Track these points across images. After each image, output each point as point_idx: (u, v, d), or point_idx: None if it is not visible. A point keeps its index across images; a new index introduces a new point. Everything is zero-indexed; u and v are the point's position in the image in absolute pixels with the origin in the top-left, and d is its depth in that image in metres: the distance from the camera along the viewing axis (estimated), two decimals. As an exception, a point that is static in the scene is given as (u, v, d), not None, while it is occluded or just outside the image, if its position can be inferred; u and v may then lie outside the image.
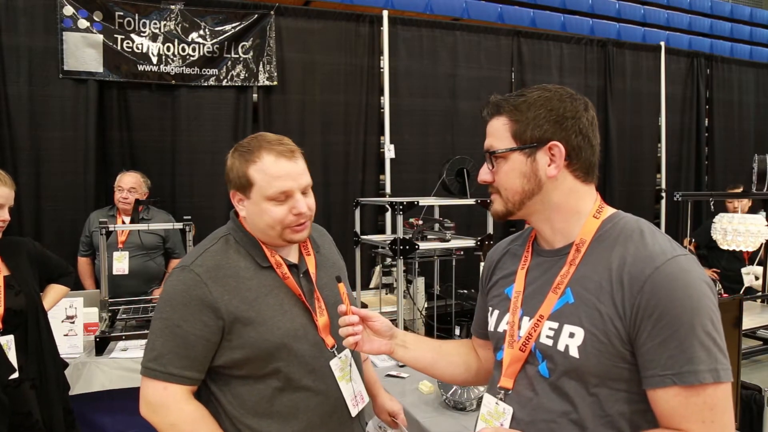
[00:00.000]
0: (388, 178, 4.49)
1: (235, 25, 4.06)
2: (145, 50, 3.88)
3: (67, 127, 3.78)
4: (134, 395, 2.52)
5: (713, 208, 2.94)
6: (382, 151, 4.55)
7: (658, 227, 1.04)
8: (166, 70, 3.92)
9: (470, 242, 2.75)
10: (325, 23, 4.35)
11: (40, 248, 2.37)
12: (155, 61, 3.90)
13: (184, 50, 3.96)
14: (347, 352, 1.39)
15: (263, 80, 4.16)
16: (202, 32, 3.99)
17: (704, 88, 5.90)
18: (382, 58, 4.50)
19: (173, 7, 3.92)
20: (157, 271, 3.46)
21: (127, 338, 2.75)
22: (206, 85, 4.04)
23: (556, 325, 1.00)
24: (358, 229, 3.06)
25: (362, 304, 3.13)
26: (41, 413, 2.08)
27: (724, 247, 2.93)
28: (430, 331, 2.71)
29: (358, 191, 4.40)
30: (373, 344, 1.24)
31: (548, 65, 5.06)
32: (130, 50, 3.85)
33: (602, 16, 7.30)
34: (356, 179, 4.45)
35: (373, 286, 3.55)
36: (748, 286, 3.24)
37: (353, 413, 1.37)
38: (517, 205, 1.05)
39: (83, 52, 3.76)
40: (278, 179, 1.28)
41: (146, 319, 2.91)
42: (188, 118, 4.03)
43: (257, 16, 4.12)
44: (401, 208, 2.54)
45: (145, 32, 3.87)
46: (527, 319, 1.05)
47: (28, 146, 3.72)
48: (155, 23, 3.89)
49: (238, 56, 4.09)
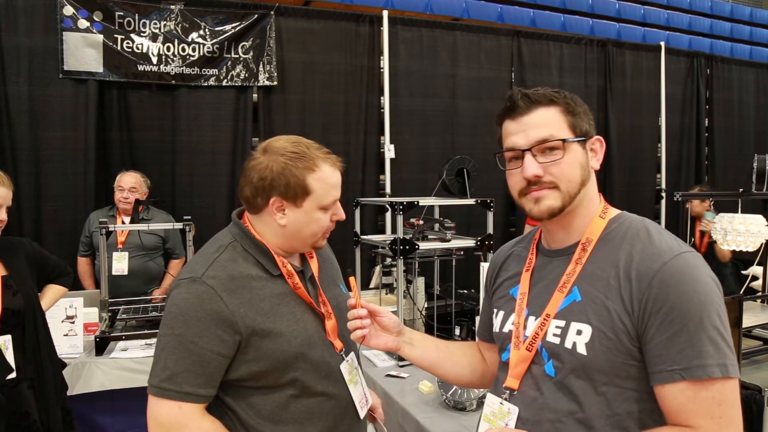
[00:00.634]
0: (388, 178, 4.49)
1: (235, 25, 4.06)
2: (145, 50, 3.88)
3: (67, 127, 3.78)
4: (134, 395, 2.56)
5: (713, 208, 2.94)
6: (382, 151, 4.55)
7: (656, 224, 1.06)
8: (166, 70, 3.92)
9: (470, 242, 2.75)
10: (325, 23, 4.35)
11: (38, 248, 2.37)
12: (155, 61, 3.90)
13: (184, 50, 3.96)
14: (353, 355, 1.39)
15: (263, 80, 4.16)
16: (202, 32, 3.99)
17: (704, 88, 5.90)
18: (382, 58, 4.50)
19: (173, 7, 3.92)
20: (156, 271, 3.46)
21: (127, 338, 2.76)
22: (206, 85, 4.04)
23: (563, 323, 1.00)
24: (358, 229, 3.06)
25: (362, 304, 3.13)
26: (39, 413, 2.08)
27: (724, 247, 2.92)
28: (430, 331, 2.70)
29: (358, 191, 4.40)
30: (380, 339, 1.25)
31: (548, 65, 5.06)
32: (130, 50, 3.85)
33: (602, 16, 7.30)
34: (356, 179, 4.45)
35: (373, 286, 3.55)
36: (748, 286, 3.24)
37: (361, 415, 1.37)
38: (573, 197, 1.02)
39: (83, 52, 3.76)
40: (333, 189, 1.31)
41: (146, 319, 2.91)
42: (188, 118, 4.03)
43: (257, 16, 4.12)
44: (401, 208, 2.54)
45: (145, 32, 3.87)
46: (533, 318, 1.05)
47: (28, 146, 3.72)
48: (155, 23, 3.89)
49: (238, 56, 4.09)
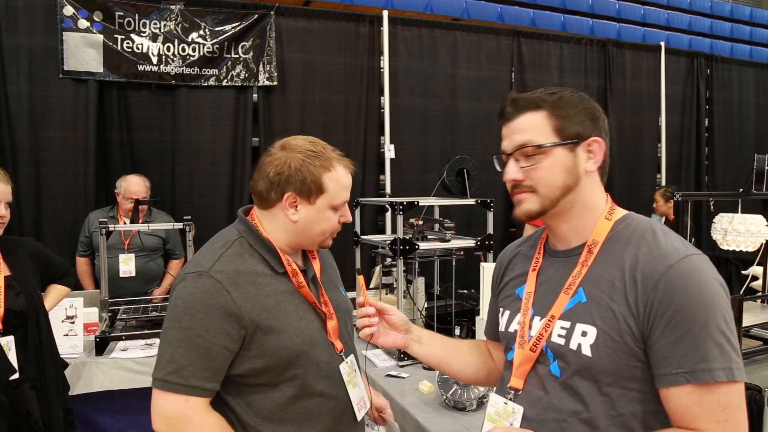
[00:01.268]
0: (388, 178, 4.49)
1: (235, 25, 4.06)
2: (145, 50, 3.88)
3: (67, 127, 3.78)
4: (134, 395, 2.56)
5: (713, 208, 2.94)
6: (382, 151, 4.55)
7: (663, 225, 1.05)
8: (166, 70, 3.93)
9: (470, 242, 2.75)
10: (325, 23, 4.35)
11: (42, 248, 2.37)
12: (155, 61, 3.90)
13: (184, 50, 3.96)
14: (352, 357, 1.39)
15: (263, 80, 4.16)
16: (202, 32, 3.99)
17: (704, 88, 5.90)
18: (382, 58, 4.51)
19: (173, 7, 3.92)
20: (156, 271, 3.47)
21: (127, 338, 2.75)
22: (206, 85, 4.04)
23: (568, 324, 1.00)
24: (358, 229, 3.06)
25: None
26: (41, 413, 2.08)
27: (724, 247, 2.92)
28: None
29: (358, 191, 4.40)
30: (388, 337, 1.27)
31: (548, 65, 5.06)
32: (130, 50, 3.85)
33: (602, 16, 7.31)
34: (356, 179, 4.36)
35: (373, 286, 3.54)
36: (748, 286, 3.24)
37: (359, 417, 1.37)
38: (554, 202, 1.03)
39: (83, 52, 3.76)
40: (345, 190, 1.33)
41: (146, 319, 2.91)
42: (188, 118, 4.03)
43: (257, 16, 4.12)
44: (401, 208, 2.54)
45: (145, 32, 3.87)
46: (538, 319, 1.05)
47: (28, 146, 3.72)
48: (155, 23, 3.89)
49: (238, 56, 4.09)
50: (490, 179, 3.68)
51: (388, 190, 4.49)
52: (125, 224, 3.35)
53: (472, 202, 2.88)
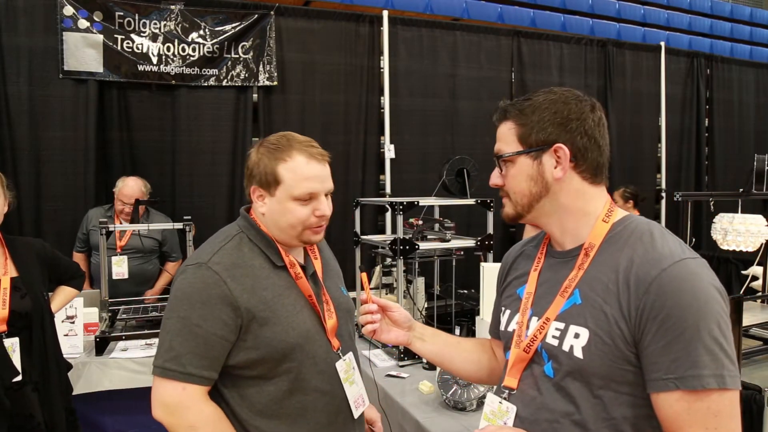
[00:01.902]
0: (388, 178, 4.49)
1: (235, 25, 4.06)
2: (145, 50, 3.88)
3: (67, 127, 3.77)
4: (134, 395, 2.56)
5: (713, 208, 2.94)
6: (382, 151, 4.55)
7: (663, 227, 1.03)
8: (166, 70, 3.92)
9: (470, 242, 2.75)
10: (325, 23, 4.35)
11: (50, 250, 2.36)
12: (155, 61, 3.90)
13: (184, 50, 3.95)
14: (351, 355, 1.40)
15: (263, 80, 4.16)
16: (202, 32, 3.99)
17: (704, 88, 5.90)
18: (382, 58, 4.50)
19: (173, 7, 3.92)
20: (152, 273, 3.46)
21: (127, 338, 2.76)
22: (206, 85, 4.03)
23: (562, 325, 1.00)
24: (358, 229, 3.06)
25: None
26: (43, 416, 2.08)
27: (724, 247, 2.92)
28: (430, 331, 2.71)
29: (358, 191, 4.40)
30: (390, 334, 1.28)
31: (548, 65, 5.06)
32: (130, 50, 3.85)
33: (602, 16, 7.31)
34: (356, 179, 4.45)
35: (373, 286, 3.54)
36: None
37: (356, 415, 1.38)
38: (526, 207, 1.06)
39: (83, 52, 3.76)
40: (307, 180, 1.30)
41: (146, 319, 2.92)
42: (188, 118, 4.03)
43: (257, 16, 4.12)
44: (401, 208, 2.54)
45: (145, 32, 3.87)
46: (536, 319, 1.05)
47: (28, 146, 3.72)
48: (155, 23, 3.89)
49: (238, 56, 4.09)
50: (490, 179, 3.69)
51: (388, 190, 4.49)
52: (122, 224, 3.34)
53: (472, 202, 2.88)
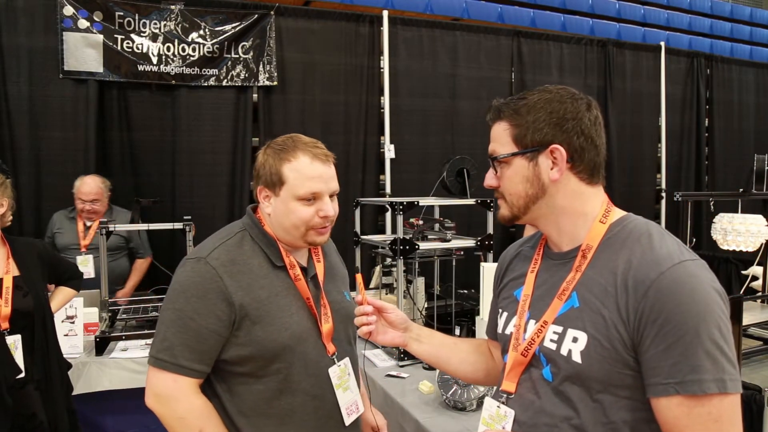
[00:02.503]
0: (388, 178, 4.49)
1: (235, 25, 4.06)
2: (145, 50, 3.88)
3: (67, 127, 3.78)
4: (134, 395, 2.56)
5: (713, 208, 2.94)
6: (382, 151, 4.55)
7: (661, 227, 1.02)
8: (166, 70, 3.92)
9: (470, 242, 2.75)
10: (325, 23, 4.35)
11: (50, 250, 2.42)
12: (155, 61, 3.90)
13: (184, 50, 3.95)
14: (347, 361, 1.40)
15: (263, 80, 4.16)
16: (202, 32, 3.99)
17: (704, 88, 5.90)
18: (382, 58, 4.50)
19: (173, 7, 3.92)
20: (121, 271, 3.45)
21: (127, 338, 2.76)
22: (206, 85, 4.03)
23: (560, 329, 0.98)
24: (358, 229, 3.06)
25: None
26: (46, 414, 2.09)
27: (724, 247, 2.93)
28: (430, 331, 2.71)
29: (358, 191, 4.40)
30: (386, 336, 1.27)
31: (548, 65, 5.06)
32: (130, 50, 3.85)
33: (602, 16, 7.31)
34: (356, 179, 4.45)
35: (373, 286, 3.54)
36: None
37: (347, 422, 1.37)
38: (522, 209, 1.04)
39: (83, 52, 3.76)
40: (311, 180, 1.30)
41: (146, 319, 2.91)
42: (188, 118, 4.03)
43: (257, 16, 4.12)
44: (401, 208, 2.54)
45: (145, 32, 3.87)
46: (533, 322, 1.04)
47: (28, 146, 3.72)
48: (155, 23, 3.89)
49: (238, 56, 4.09)
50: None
51: (388, 190, 4.49)
52: (84, 226, 3.37)
53: (472, 202, 2.87)
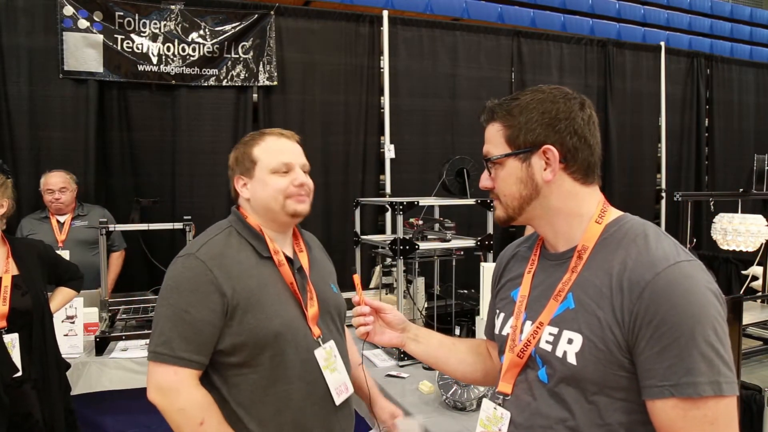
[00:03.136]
0: (388, 178, 4.49)
1: (235, 25, 4.06)
2: (145, 50, 3.88)
3: (67, 127, 3.78)
4: (134, 395, 2.56)
5: (713, 208, 2.94)
6: (382, 151, 4.55)
7: (658, 228, 1.02)
8: (166, 70, 3.92)
9: (470, 242, 2.75)
10: (325, 23, 4.35)
11: (51, 251, 2.41)
12: (155, 61, 3.90)
13: (184, 50, 3.95)
14: (332, 343, 1.45)
15: (263, 80, 4.16)
16: (202, 32, 3.99)
17: (704, 88, 5.90)
18: (382, 58, 4.50)
19: (173, 7, 3.92)
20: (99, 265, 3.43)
21: (127, 338, 2.75)
22: (206, 85, 4.03)
23: (556, 330, 0.98)
24: (358, 229, 3.06)
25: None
26: (42, 414, 2.09)
27: (724, 247, 2.93)
28: (430, 331, 2.71)
29: (358, 191, 4.40)
30: (384, 336, 1.27)
31: (548, 65, 5.06)
32: (130, 50, 3.85)
33: (602, 16, 7.32)
34: (356, 179, 4.45)
35: (373, 286, 3.54)
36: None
37: (337, 402, 1.43)
38: (516, 210, 1.04)
39: (83, 52, 3.76)
40: (281, 153, 1.44)
41: (146, 319, 2.91)
42: (188, 118, 4.03)
43: (257, 16, 4.12)
44: (401, 208, 2.54)
45: (145, 32, 3.87)
46: (530, 323, 1.04)
47: (28, 146, 3.72)
48: (155, 23, 3.89)
49: (238, 56, 4.09)
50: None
51: (388, 190, 4.49)
52: (58, 222, 3.39)
53: (472, 202, 2.88)
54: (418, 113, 4.63)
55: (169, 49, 3.92)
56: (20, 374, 2.05)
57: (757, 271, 3.24)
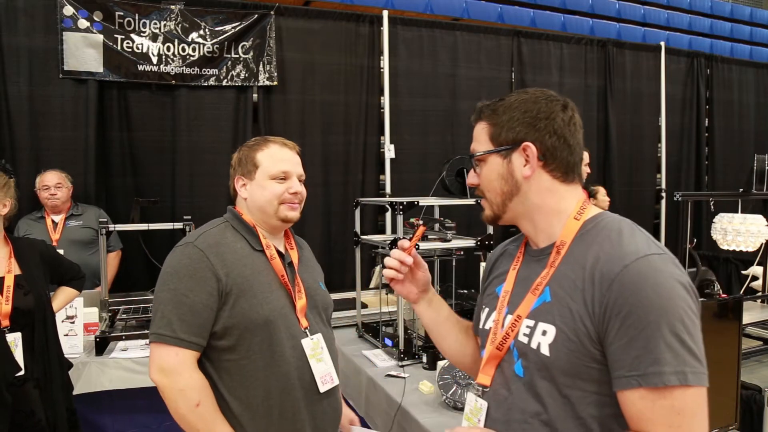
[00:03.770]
0: (388, 178, 4.49)
1: (235, 25, 4.06)
2: (145, 50, 3.88)
3: (67, 127, 3.77)
4: (134, 395, 2.56)
5: (713, 208, 2.94)
6: (382, 151, 4.55)
7: (658, 227, 1.03)
8: (166, 70, 3.92)
9: (470, 242, 2.75)
10: (325, 23, 4.35)
11: (53, 250, 2.43)
12: (155, 61, 3.90)
13: (184, 50, 3.95)
14: (319, 336, 1.54)
15: (263, 80, 4.16)
16: (202, 32, 3.99)
17: (704, 88, 5.90)
18: (382, 58, 4.50)
19: (173, 7, 3.91)
20: (97, 265, 3.32)
21: (127, 338, 2.76)
22: (206, 85, 4.03)
23: (532, 323, 1.00)
24: (358, 229, 3.06)
25: (362, 304, 3.13)
26: (45, 412, 2.09)
27: (724, 247, 2.93)
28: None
29: (358, 191, 4.40)
30: (404, 288, 1.28)
31: (548, 65, 5.06)
32: (130, 50, 3.85)
33: (602, 16, 7.31)
34: (356, 179, 4.45)
35: (373, 286, 3.54)
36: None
37: (321, 390, 1.50)
38: (500, 206, 1.08)
39: (83, 52, 3.75)
40: (281, 162, 1.55)
41: (146, 319, 2.91)
42: (188, 118, 4.03)
43: (257, 16, 4.12)
44: (401, 208, 2.54)
45: (145, 32, 3.87)
46: (510, 317, 1.06)
47: (28, 146, 3.72)
48: (155, 23, 3.89)
49: (238, 56, 4.09)
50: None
51: (388, 190, 4.49)
52: (53, 222, 3.40)
53: (471, 202, 2.87)
54: (418, 113, 4.63)
55: (169, 49, 3.92)
56: (23, 373, 2.06)
57: (757, 271, 3.24)
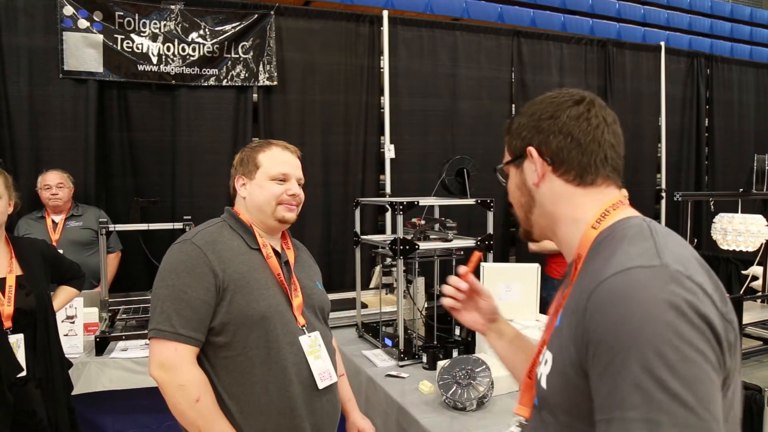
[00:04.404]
0: (388, 178, 4.49)
1: (235, 25, 4.06)
2: (145, 50, 3.88)
3: (67, 127, 3.77)
4: (134, 395, 2.56)
5: (713, 208, 2.94)
6: (382, 151, 4.54)
7: (647, 229, 0.95)
8: (166, 70, 3.92)
9: (471, 242, 2.75)
10: (325, 23, 4.35)
11: (53, 250, 2.43)
12: (155, 61, 3.90)
13: (184, 50, 3.95)
14: (317, 334, 1.56)
15: (263, 80, 4.16)
16: (202, 32, 3.99)
17: (704, 88, 5.89)
18: (382, 58, 4.50)
19: (173, 7, 3.91)
20: (97, 265, 3.33)
21: (127, 338, 2.76)
22: (206, 85, 4.03)
23: (546, 351, 0.89)
24: (358, 229, 3.06)
25: (362, 304, 3.13)
26: (46, 412, 2.10)
27: (724, 247, 2.93)
28: (430, 330, 2.71)
29: (358, 191, 4.40)
30: (468, 317, 1.25)
31: (548, 65, 5.06)
32: (130, 50, 3.85)
33: (602, 16, 7.32)
34: (356, 179, 4.45)
35: (373, 286, 3.55)
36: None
37: (320, 386, 1.53)
38: (524, 220, 1.01)
39: (83, 52, 3.75)
40: (281, 164, 1.60)
41: (146, 319, 2.91)
42: (188, 118, 4.03)
43: (257, 16, 4.12)
44: (401, 208, 2.54)
45: (145, 32, 3.87)
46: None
47: (28, 146, 3.72)
48: (155, 23, 3.89)
49: (238, 56, 4.09)
50: (490, 179, 3.67)
51: (388, 190, 4.49)
52: (53, 222, 3.40)
53: (472, 202, 2.87)
54: (418, 113, 4.63)
55: (169, 49, 3.92)
56: (24, 373, 2.06)
57: (757, 271, 3.24)
